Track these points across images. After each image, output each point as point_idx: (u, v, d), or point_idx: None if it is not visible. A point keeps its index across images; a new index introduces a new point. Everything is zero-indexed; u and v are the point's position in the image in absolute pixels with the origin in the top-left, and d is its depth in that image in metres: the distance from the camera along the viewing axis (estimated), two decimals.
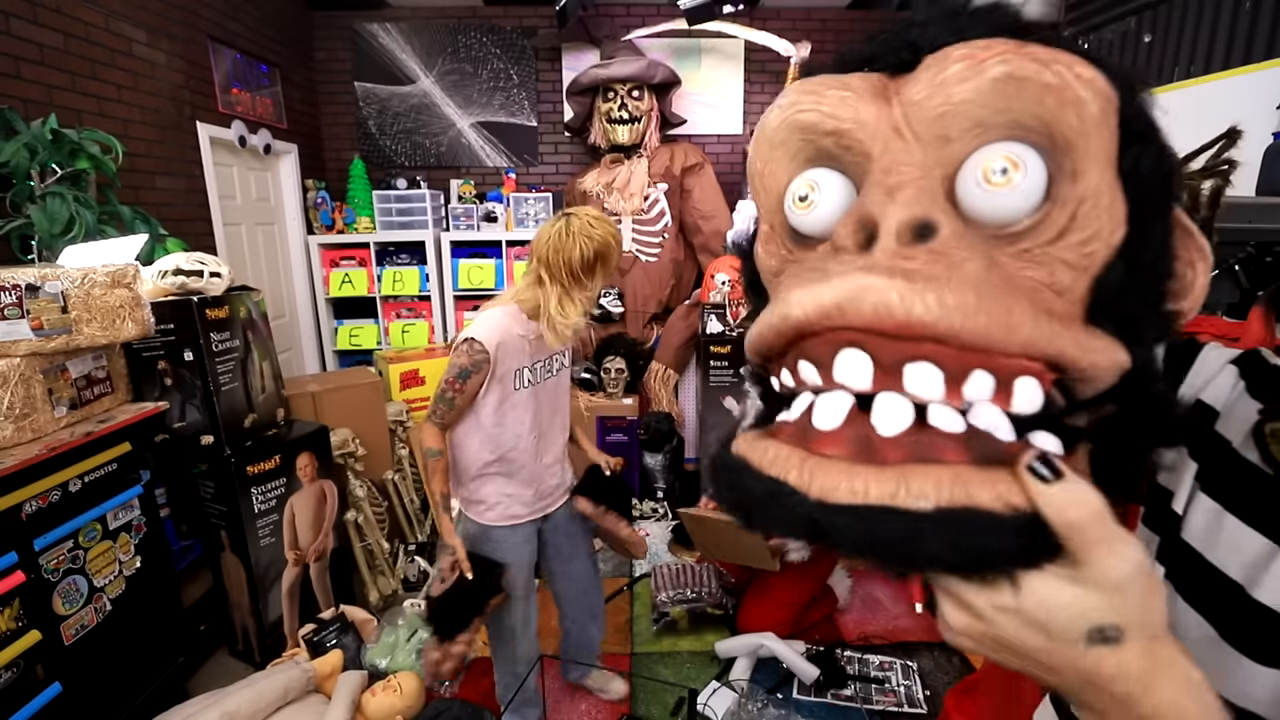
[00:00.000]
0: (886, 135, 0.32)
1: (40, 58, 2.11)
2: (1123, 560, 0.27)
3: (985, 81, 0.29)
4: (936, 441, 0.29)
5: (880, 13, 4.04)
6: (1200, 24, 2.18)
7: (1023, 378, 0.28)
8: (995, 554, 0.27)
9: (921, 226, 0.29)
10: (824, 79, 0.35)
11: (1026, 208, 0.30)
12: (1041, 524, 0.27)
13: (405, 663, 2.04)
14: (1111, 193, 0.29)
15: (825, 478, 0.29)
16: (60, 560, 1.59)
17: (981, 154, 0.30)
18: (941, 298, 0.27)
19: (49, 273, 1.59)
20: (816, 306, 0.29)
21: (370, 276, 3.92)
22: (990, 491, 0.27)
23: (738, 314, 3.23)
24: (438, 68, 4.09)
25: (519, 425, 1.57)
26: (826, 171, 0.35)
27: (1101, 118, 0.29)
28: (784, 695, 2.02)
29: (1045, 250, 0.30)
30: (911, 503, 0.27)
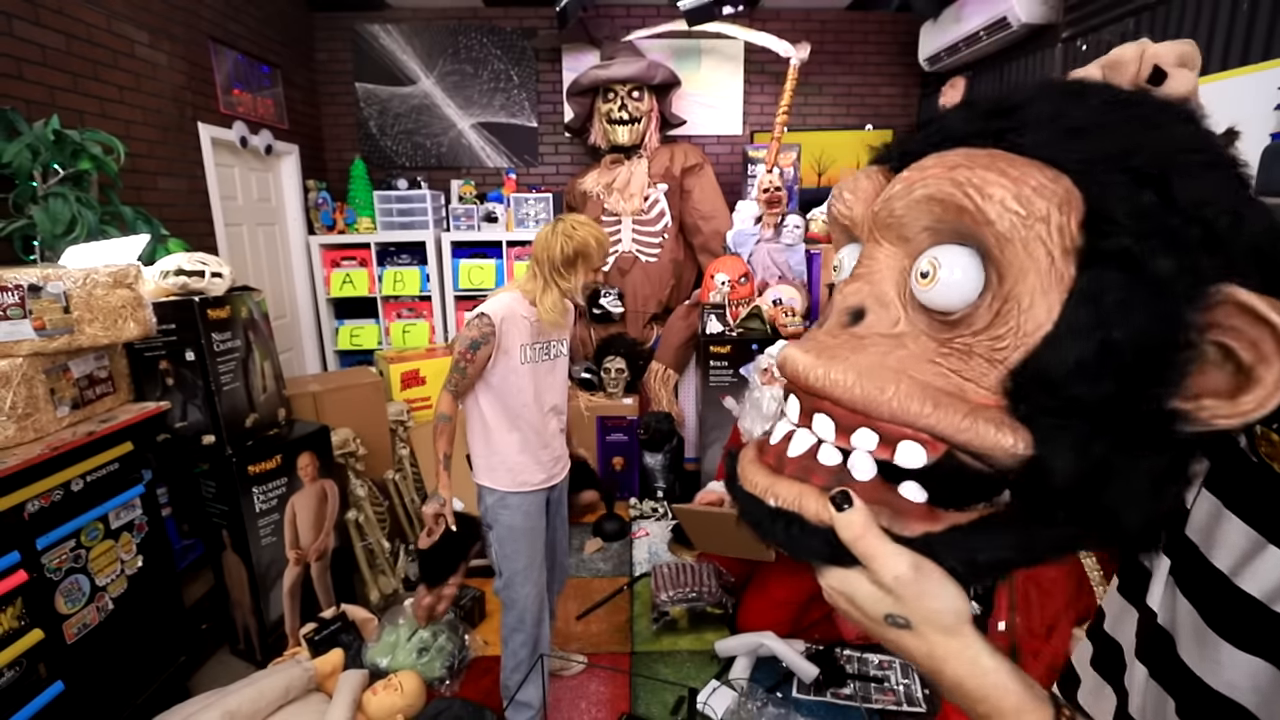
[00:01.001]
0: (868, 233, 0.42)
1: (42, 59, 2.12)
2: (887, 571, 0.37)
3: (912, 201, 0.37)
4: (814, 467, 0.40)
5: (879, 14, 4.05)
6: (1198, 24, 2.19)
7: (906, 441, 0.36)
8: (805, 547, 0.39)
9: (854, 313, 0.40)
10: (852, 178, 0.45)
11: (955, 302, 0.36)
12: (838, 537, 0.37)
13: (406, 662, 2.05)
14: (1034, 295, 0.33)
15: (748, 472, 0.43)
16: (62, 559, 1.60)
17: (924, 255, 0.37)
18: (828, 371, 0.37)
19: (51, 273, 1.60)
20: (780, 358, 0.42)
21: (371, 277, 3.93)
22: (813, 506, 0.38)
23: (737, 314, 3.24)
24: (438, 68, 4.09)
25: (524, 394, 1.75)
26: (853, 246, 0.45)
27: (1012, 232, 0.33)
28: (784, 694, 2.03)
29: (969, 340, 0.36)
30: (769, 499, 0.40)
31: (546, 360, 1.80)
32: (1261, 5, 1.97)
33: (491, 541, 1.81)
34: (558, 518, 1.95)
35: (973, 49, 3.31)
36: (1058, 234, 0.32)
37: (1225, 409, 0.32)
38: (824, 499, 0.38)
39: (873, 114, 4.25)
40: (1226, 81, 2.06)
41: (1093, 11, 2.66)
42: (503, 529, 1.78)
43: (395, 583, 2.64)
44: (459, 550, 1.81)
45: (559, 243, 1.68)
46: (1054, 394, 0.33)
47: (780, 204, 3.41)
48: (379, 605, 2.50)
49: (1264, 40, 1.96)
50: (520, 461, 1.78)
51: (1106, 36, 2.61)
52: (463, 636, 2.20)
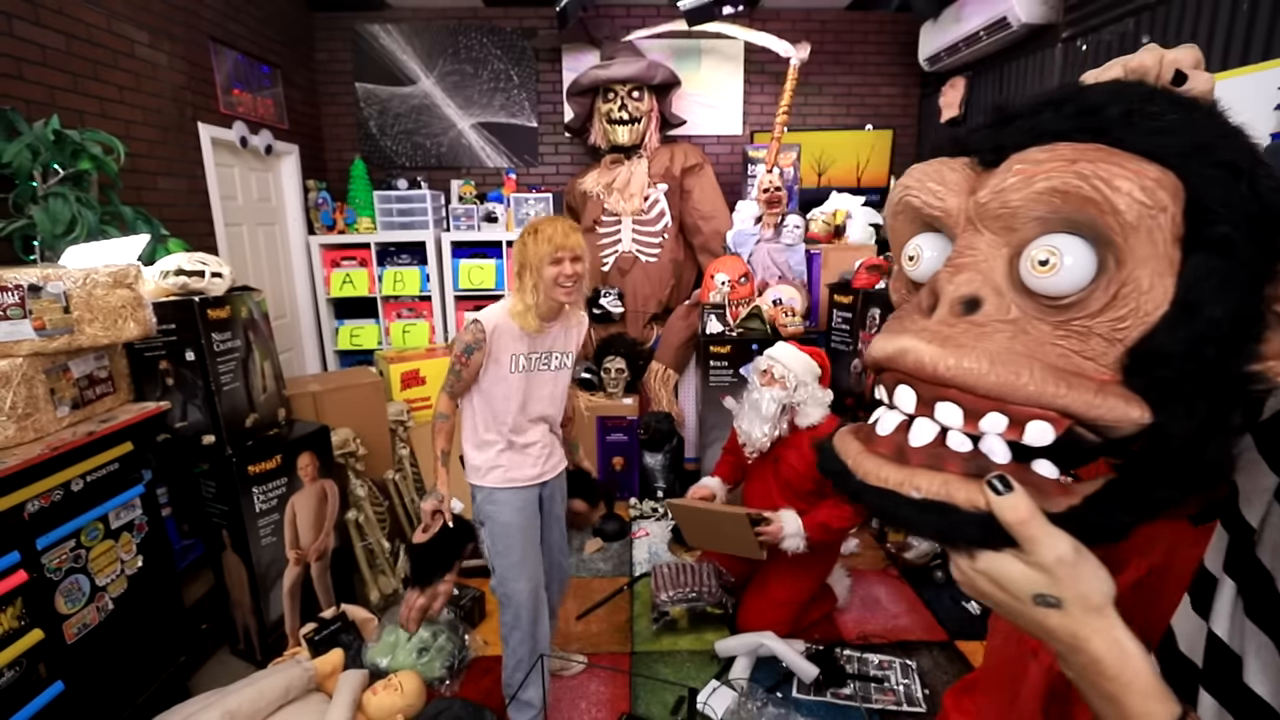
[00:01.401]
0: (964, 223, 0.43)
1: (42, 59, 2.12)
2: (1050, 551, 0.38)
3: (1033, 193, 0.38)
4: (945, 455, 0.40)
5: (879, 14, 4.05)
6: (1199, 25, 2.19)
7: (1035, 421, 0.38)
8: (957, 534, 0.40)
9: (968, 302, 0.40)
10: (932, 168, 0.45)
11: (1072, 286, 0.38)
12: (995, 521, 0.38)
13: (406, 662, 2.05)
14: (1152, 278, 0.36)
15: (866, 465, 0.42)
16: (62, 559, 1.60)
17: (1036, 243, 0.39)
18: (960, 361, 0.38)
19: (51, 273, 1.59)
20: (883, 353, 0.43)
21: (371, 277, 3.93)
22: (963, 494, 0.39)
23: (737, 314, 3.24)
24: (438, 68, 4.09)
25: (509, 401, 1.76)
26: (930, 236, 0.47)
27: (1139, 221, 0.35)
28: (784, 694, 2.03)
29: (1085, 323, 0.38)
30: (908, 491, 0.40)
31: (545, 370, 1.79)
32: (1261, 5, 1.97)
33: (484, 538, 1.82)
34: (550, 516, 1.94)
35: (973, 49, 3.31)
36: (1170, 222, 0.35)
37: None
38: (973, 485, 0.38)
39: (873, 114, 4.25)
40: (1227, 81, 2.06)
41: (1093, 12, 2.66)
42: (494, 525, 1.80)
43: (395, 583, 2.64)
44: (453, 548, 1.80)
45: (517, 246, 1.72)
46: (1170, 366, 0.36)
47: (780, 204, 3.41)
48: (379, 605, 2.50)
49: (1264, 40, 1.96)
50: (506, 460, 1.80)
51: (1106, 37, 2.61)
52: (463, 636, 2.20)
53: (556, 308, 1.73)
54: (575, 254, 1.67)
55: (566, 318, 1.80)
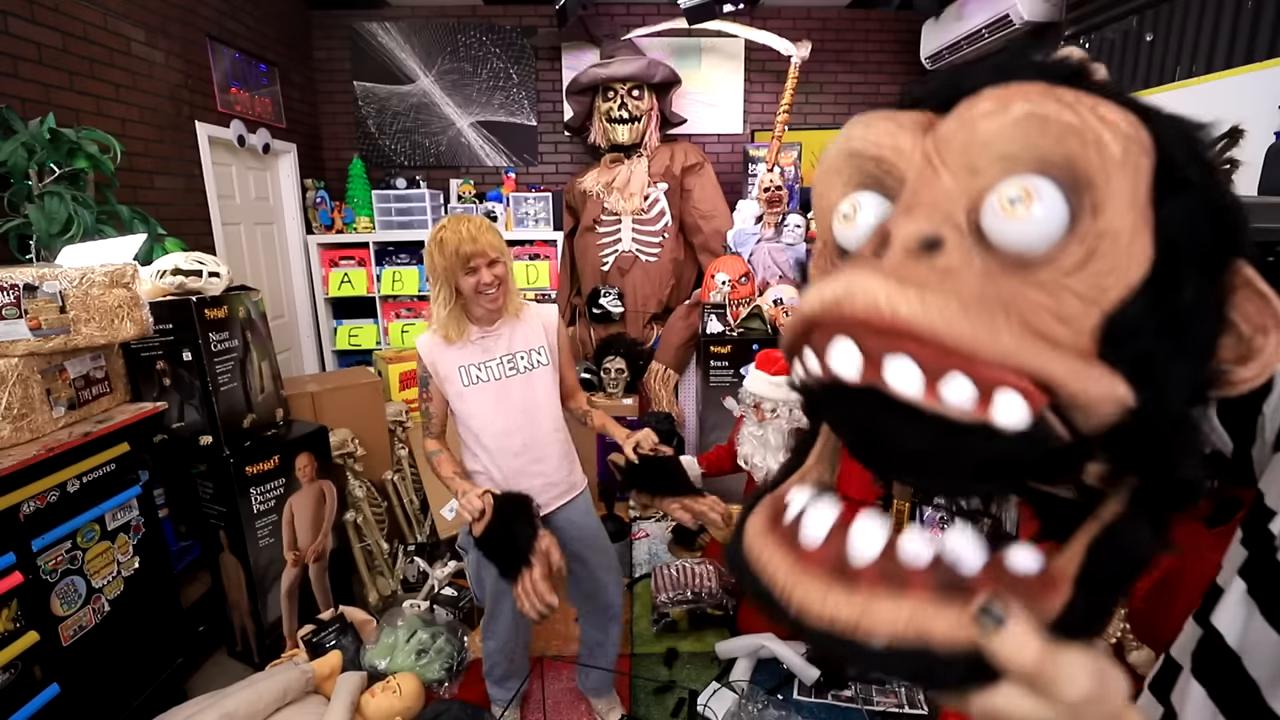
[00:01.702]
0: (919, 163, 0.35)
1: (38, 57, 2.10)
2: (1072, 690, 0.29)
3: (1009, 120, 0.31)
4: (904, 574, 0.31)
5: (881, 12, 4.04)
6: (1202, 23, 2.18)
7: (1006, 390, 0.29)
8: (942, 680, 0.30)
9: (928, 241, 0.32)
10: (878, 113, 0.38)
11: (1043, 238, 0.31)
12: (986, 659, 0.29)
13: (404, 664, 2.04)
14: (1133, 232, 0.30)
15: (803, 595, 0.32)
16: (58, 561, 1.59)
17: (1004, 183, 0.32)
18: (924, 300, 0.29)
19: (47, 272, 1.58)
20: (819, 299, 0.32)
21: (369, 276, 3.92)
22: (942, 627, 0.29)
23: (738, 314, 3.22)
24: (437, 67, 4.08)
25: (478, 419, 1.61)
26: (869, 194, 0.38)
27: (1123, 158, 0.30)
28: (784, 696, 2.02)
29: (1058, 280, 0.31)
30: (867, 639, 0.30)
31: (516, 374, 1.61)
32: (1265, 3, 1.95)
33: (468, 571, 1.65)
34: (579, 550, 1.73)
35: (975, 47, 3.30)
36: (1149, 172, 0.31)
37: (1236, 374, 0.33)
38: (949, 610, 0.30)
39: None
40: (1229, 80, 2.05)
41: (1095, 10, 2.65)
42: (473, 556, 1.65)
43: (394, 584, 2.63)
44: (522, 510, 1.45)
45: (425, 257, 1.57)
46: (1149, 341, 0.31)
47: (781, 203, 3.40)
48: (377, 607, 2.49)
49: (1268, 39, 1.94)
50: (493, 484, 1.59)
51: (1109, 35, 2.60)
52: (461, 638, 2.19)
53: (493, 311, 1.57)
54: (490, 257, 1.49)
55: (514, 314, 1.61)
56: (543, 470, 1.66)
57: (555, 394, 1.68)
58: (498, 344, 1.60)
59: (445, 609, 2.33)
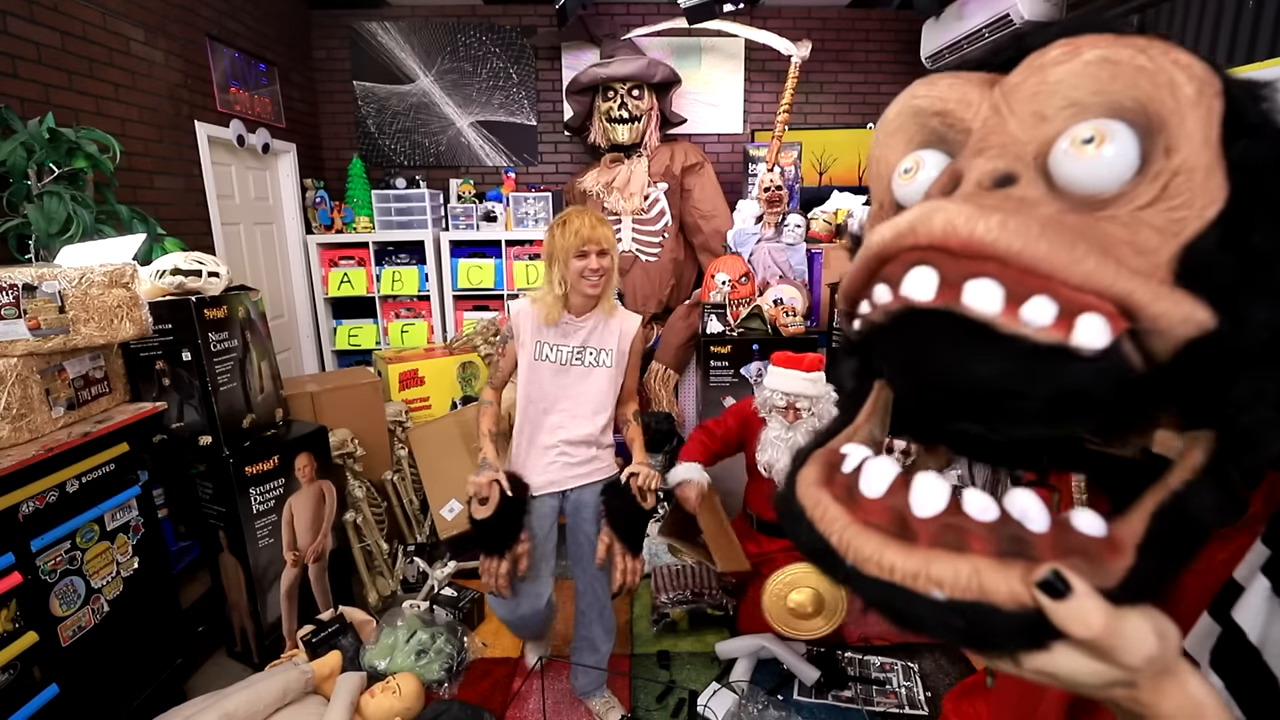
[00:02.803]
0: (986, 113, 0.35)
1: (38, 56, 2.10)
2: (1135, 656, 0.30)
3: (1080, 64, 0.32)
4: (967, 528, 0.31)
5: (881, 12, 4.03)
6: (1202, 22, 2.17)
7: (1088, 313, 0.29)
8: (998, 641, 0.30)
9: (1002, 177, 0.32)
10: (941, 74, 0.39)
11: (1114, 179, 0.31)
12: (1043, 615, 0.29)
13: (404, 664, 2.03)
14: (1207, 169, 0.30)
15: (861, 548, 0.31)
16: (58, 561, 1.58)
17: (1075, 127, 0.32)
18: (1004, 222, 0.29)
19: (46, 272, 1.58)
20: (894, 229, 0.32)
21: (369, 276, 3.92)
22: (1004, 586, 0.29)
23: (738, 314, 3.22)
24: (437, 67, 4.08)
25: (530, 388, 1.75)
26: (932, 151, 0.38)
27: (1197, 98, 0.30)
28: (784, 696, 2.02)
29: (1133, 214, 0.31)
30: (926, 589, 0.30)
31: (579, 366, 1.74)
32: (1265, 4, 1.95)
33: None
34: (579, 534, 1.83)
35: (975, 47, 3.30)
36: (1220, 114, 0.31)
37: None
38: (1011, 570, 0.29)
39: (874, 112, 4.24)
40: None
41: (1096, 9, 2.65)
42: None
43: (393, 584, 2.62)
44: (517, 514, 1.66)
45: (546, 237, 1.72)
46: (1227, 272, 0.31)
47: (781, 203, 3.39)
48: (377, 607, 2.49)
49: (1268, 39, 1.94)
50: (522, 456, 1.79)
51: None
52: (461, 639, 2.18)
53: (588, 301, 1.70)
54: (601, 247, 1.64)
55: (605, 313, 1.74)
56: (570, 453, 1.78)
57: (608, 393, 1.78)
58: (577, 334, 1.73)
59: (445, 609, 2.33)
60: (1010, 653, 0.31)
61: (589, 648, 1.93)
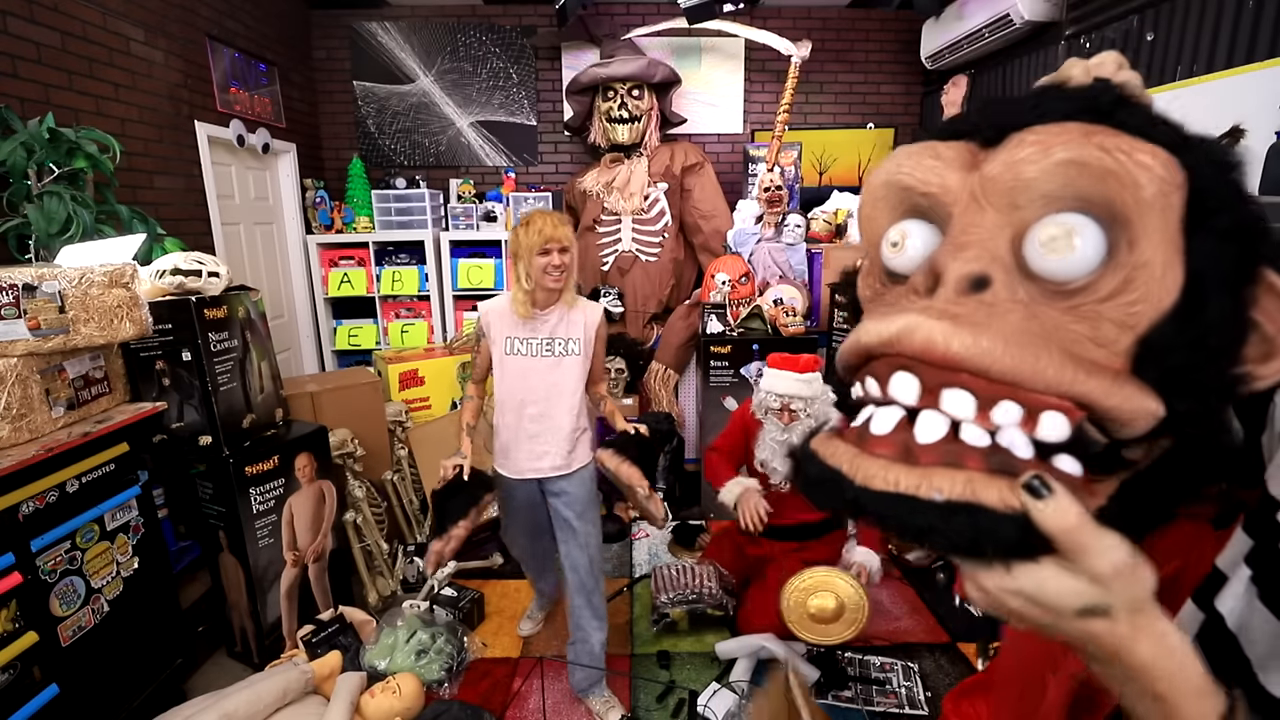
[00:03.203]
0: (965, 201, 0.39)
1: (37, 56, 2.10)
2: (1105, 560, 0.33)
3: (1050, 164, 0.35)
4: (962, 451, 0.35)
5: (881, 12, 4.03)
6: (1203, 22, 2.17)
7: (1049, 411, 0.34)
8: (990, 541, 0.34)
9: (977, 280, 0.36)
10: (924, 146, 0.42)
11: (1081, 270, 0.35)
12: (1033, 524, 0.33)
13: (404, 664, 2.03)
14: (1165, 264, 0.34)
15: (869, 469, 0.36)
16: (57, 561, 1.58)
17: (1044, 222, 0.36)
18: (977, 339, 0.34)
19: (46, 272, 1.58)
20: (879, 336, 0.37)
21: (369, 276, 3.91)
22: (994, 493, 0.33)
23: (738, 314, 3.22)
24: (437, 67, 4.08)
25: (504, 382, 1.87)
26: (917, 222, 0.42)
27: (1157, 198, 0.33)
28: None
29: (1095, 307, 0.35)
30: (928, 494, 0.34)
31: (548, 356, 1.85)
32: (1265, 4, 1.95)
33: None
34: (560, 520, 1.93)
35: (975, 47, 3.30)
36: (1180, 203, 0.34)
37: (1259, 371, 0.36)
38: (1002, 482, 0.34)
39: (874, 112, 4.24)
40: (1231, 80, 2.05)
41: (1096, 9, 2.65)
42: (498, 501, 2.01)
43: (393, 584, 2.62)
44: (468, 498, 1.83)
45: (510, 236, 1.84)
46: (1181, 356, 0.34)
47: (781, 203, 3.39)
48: (377, 607, 2.49)
49: (1269, 38, 1.94)
50: (502, 445, 1.92)
51: (1110, 34, 2.59)
52: (461, 639, 2.18)
53: (551, 295, 1.82)
54: (562, 245, 1.77)
55: (567, 305, 1.85)
56: (550, 441, 1.87)
57: (578, 381, 1.89)
58: (544, 327, 1.85)
59: (445, 609, 2.33)
60: (1005, 556, 0.34)
61: (582, 639, 1.97)
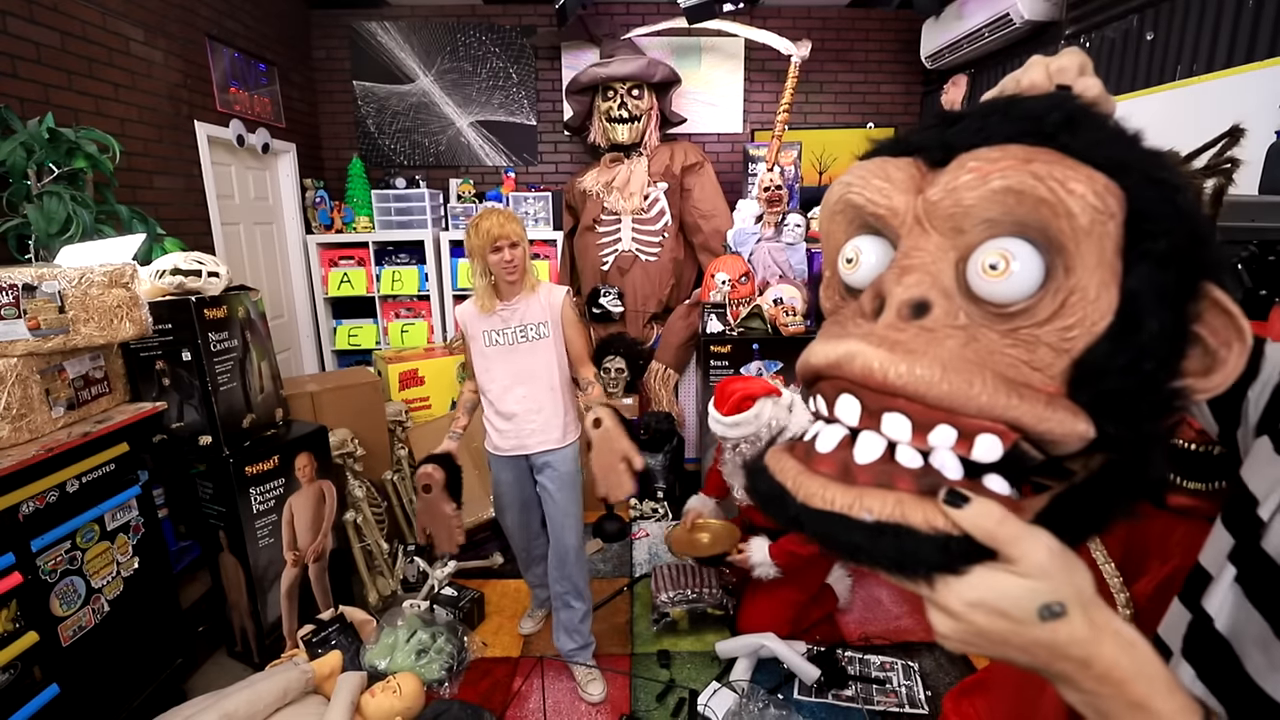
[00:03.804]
0: (911, 223, 0.41)
1: (37, 56, 2.10)
2: (1036, 549, 0.35)
3: (988, 192, 0.36)
4: (895, 472, 0.37)
5: (881, 11, 4.03)
6: (1202, 22, 2.17)
7: (983, 434, 0.36)
8: (912, 560, 0.36)
9: (917, 305, 0.38)
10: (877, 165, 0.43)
11: (1020, 293, 0.36)
12: (955, 540, 0.35)
13: (405, 663, 2.03)
14: (1100, 287, 0.35)
15: (809, 487, 0.38)
16: (58, 561, 1.58)
17: (985, 246, 0.37)
18: (912, 367, 0.35)
19: (46, 272, 1.58)
20: (824, 359, 0.39)
21: (369, 276, 3.92)
22: (919, 514, 0.36)
23: (738, 314, 3.22)
24: (437, 66, 4.07)
25: (486, 373, 2.01)
26: (870, 238, 0.44)
27: (1092, 226, 0.34)
28: (785, 696, 2.02)
29: (1032, 331, 0.36)
30: (859, 514, 0.36)
31: (525, 342, 1.97)
32: (1265, 4, 1.95)
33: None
34: (545, 492, 2.06)
35: (975, 46, 3.30)
36: (1116, 231, 0.35)
37: (1201, 384, 0.37)
38: (928, 503, 0.36)
39: (874, 112, 4.24)
40: (1230, 79, 2.05)
41: (1096, 9, 2.65)
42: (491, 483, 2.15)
43: (393, 584, 2.63)
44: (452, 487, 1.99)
45: (465, 239, 1.93)
46: (1113, 379, 0.36)
47: (781, 203, 3.39)
48: (377, 607, 2.49)
49: (1269, 38, 1.94)
50: (491, 428, 2.06)
51: (1110, 34, 2.59)
52: (462, 638, 2.19)
53: (513, 287, 1.93)
54: (511, 241, 1.86)
55: (529, 290, 1.95)
56: (536, 419, 2.00)
57: (553, 360, 2.00)
58: (514, 316, 1.96)
59: (445, 609, 2.33)
60: (926, 573, 0.36)
61: (563, 605, 2.10)
